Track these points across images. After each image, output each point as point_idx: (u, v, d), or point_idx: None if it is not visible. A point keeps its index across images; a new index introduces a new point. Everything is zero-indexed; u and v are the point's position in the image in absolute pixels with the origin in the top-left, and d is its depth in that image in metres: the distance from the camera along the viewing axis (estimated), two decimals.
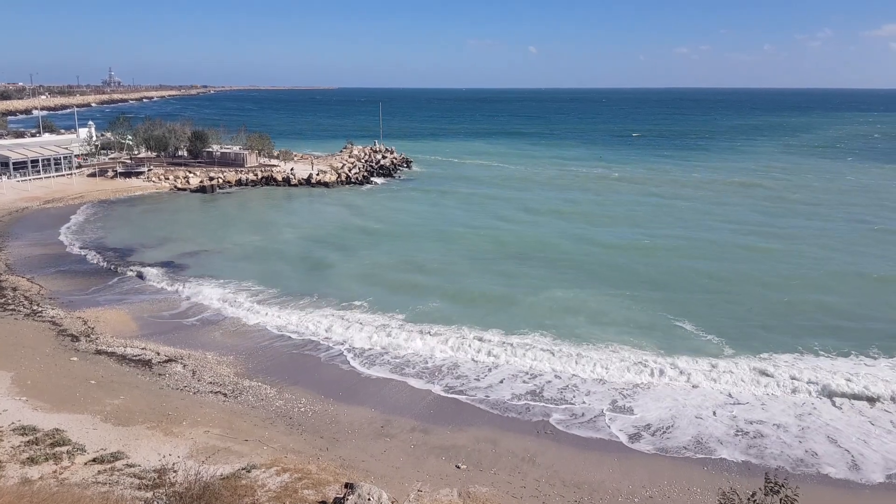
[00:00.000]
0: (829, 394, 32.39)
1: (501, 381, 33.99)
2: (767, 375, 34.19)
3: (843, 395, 32.30)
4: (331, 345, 38.60)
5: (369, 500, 20.35)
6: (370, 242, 63.12)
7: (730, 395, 32.52)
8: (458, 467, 25.90)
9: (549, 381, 34.04)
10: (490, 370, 35.33)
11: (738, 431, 29.17)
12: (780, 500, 13.16)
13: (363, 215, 76.62)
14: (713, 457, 27.26)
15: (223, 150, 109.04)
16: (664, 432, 29.11)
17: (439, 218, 75.08)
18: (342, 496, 20.46)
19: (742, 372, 34.50)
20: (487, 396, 32.38)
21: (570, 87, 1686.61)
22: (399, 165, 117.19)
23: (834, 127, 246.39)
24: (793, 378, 33.74)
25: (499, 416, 30.65)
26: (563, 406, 31.55)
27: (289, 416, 29.64)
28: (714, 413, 30.74)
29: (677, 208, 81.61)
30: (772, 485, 13.36)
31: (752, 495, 13.28)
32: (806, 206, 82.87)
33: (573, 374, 34.74)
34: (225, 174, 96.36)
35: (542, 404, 31.65)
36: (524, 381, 34.06)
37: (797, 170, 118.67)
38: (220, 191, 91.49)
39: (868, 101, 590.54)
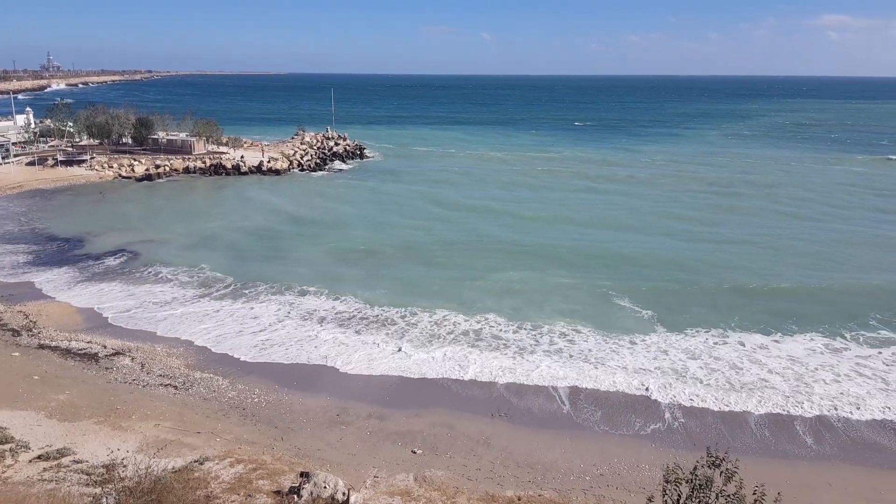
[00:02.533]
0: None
1: (444, 355, 34.34)
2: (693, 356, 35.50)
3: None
4: (283, 334, 38.20)
5: (325, 487, 20.37)
6: (322, 230, 62.58)
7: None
8: (415, 452, 26.12)
9: (503, 366, 34.53)
10: (437, 343, 35.68)
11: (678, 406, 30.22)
12: (721, 472, 13.70)
13: (315, 203, 75.81)
14: (660, 433, 28.18)
15: (169, 137, 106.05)
16: (602, 408, 29.95)
17: (391, 205, 74.78)
18: (297, 485, 20.43)
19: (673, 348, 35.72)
20: (443, 377, 32.70)
21: (524, 74, 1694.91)
22: (352, 152, 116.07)
23: (778, 114, 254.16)
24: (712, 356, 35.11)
25: (455, 399, 30.96)
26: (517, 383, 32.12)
27: (242, 407, 29.34)
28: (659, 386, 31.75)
29: (618, 195, 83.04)
30: (713, 458, 13.91)
31: (694, 469, 13.82)
32: (743, 195, 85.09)
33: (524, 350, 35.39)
34: (172, 162, 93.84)
35: (500, 382, 32.16)
36: (480, 363, 34.51)
37: (738, 157, 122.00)
38: (167, 179, 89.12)
39: (812, 88, 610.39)
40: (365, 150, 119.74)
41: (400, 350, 36.02)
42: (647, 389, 31.93)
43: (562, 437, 27.90)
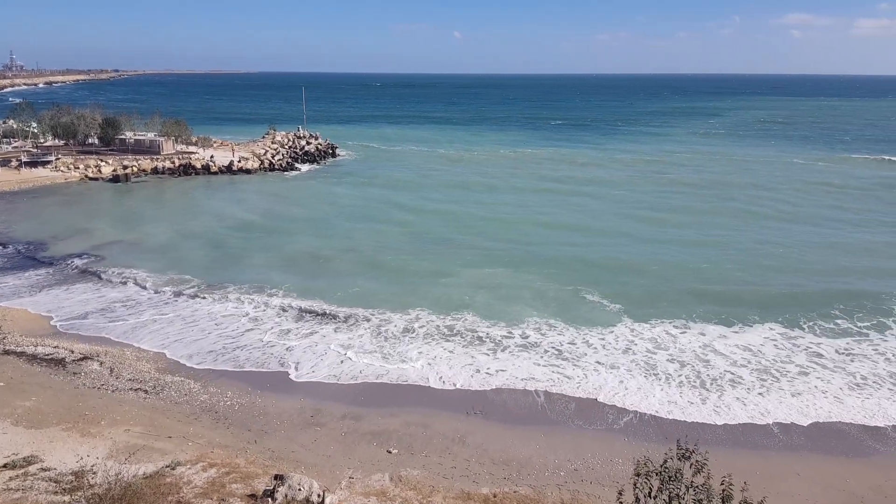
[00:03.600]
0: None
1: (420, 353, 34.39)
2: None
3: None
4: (256, 335, 37.88)
5: (300, 490, 20.27)
6: (293, 231, 62.15)
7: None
8: (390, 452, 26.09)
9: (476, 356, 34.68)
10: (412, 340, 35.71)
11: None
12: (691, 465, 13.95)
13: (286, 203, 75.23)
14: (632, 426, 28.55)
15: (137, 137, 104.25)
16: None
17: (363, 206, 74.39)
18: (272, 488, 20.29)
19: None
20: (417, 375, 32.70)
21: (496, 72, 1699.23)
22: (325, 151, 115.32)
23: (745, 111, 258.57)
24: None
25: (430, 398, 30.99)
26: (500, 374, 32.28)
27: (214, 411, 29.01)
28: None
29: (585, 196, 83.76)
30: (683, 451, 14.14)
31: (664, 462, 14.04)
32: (710, 191, 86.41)
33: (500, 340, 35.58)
34: (140, 162, 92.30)
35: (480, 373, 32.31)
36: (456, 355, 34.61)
37: (705, 154, 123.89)
38: (136, 180, 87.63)
39: (777, 85, 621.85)
40: (337, 149, 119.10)
41: (374, 350, 35.92)
42: (620, 383, 32.32)
43: (536, 433, 28.10)
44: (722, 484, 13.50)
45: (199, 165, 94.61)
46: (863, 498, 23.72)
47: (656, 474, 13.82)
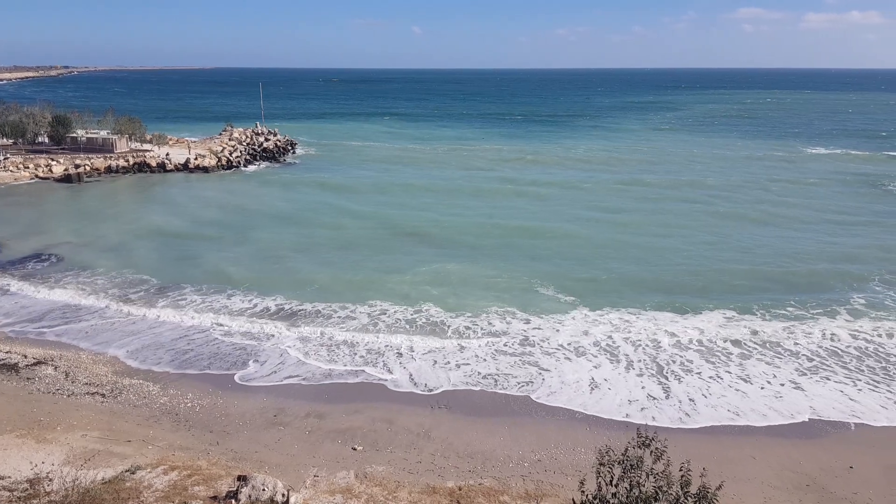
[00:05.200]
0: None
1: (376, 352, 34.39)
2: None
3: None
4: (215, 335, 37.31)
5: (263, 490, 20.09)
6: (250, 228, 61.35)
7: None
8: (355, 449, 26.03)
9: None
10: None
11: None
12: (651, 452, 14.29)
13: (244, 201, 74.09)
14: (593, 416, 29.03)
15: (89, 136, 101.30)
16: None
17: (321, 202, 73.81)
18: (235, 489, 20.07)
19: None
20: (381, 370, 32.67)
21: (455, 68, 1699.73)
22: (284, 148, 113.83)
23: (700, 105, 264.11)
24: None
25: (394, 393, 30.98)
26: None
27: (175, 413, 28.49)
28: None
29: (544, 188, 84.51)
30: (643, 439, 14.48)
31: (625, 451, 14.35)
32: (667, 188, 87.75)
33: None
34: (92, 161, 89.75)
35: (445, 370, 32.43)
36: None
37: (662, 148, 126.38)
38: (89, 179, 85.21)
39: (731, 79, 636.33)
40: (296, 146, 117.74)
41: (337, 346, 35.73)
42: (577, 372, 32.80)
43: (501, 425, 28.35)
44: (681, 470, 13.86)
45: (154, 164, 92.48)
46: (815, 478, 24.58)
47: (618, 463, 14.12)
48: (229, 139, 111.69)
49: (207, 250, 53.78)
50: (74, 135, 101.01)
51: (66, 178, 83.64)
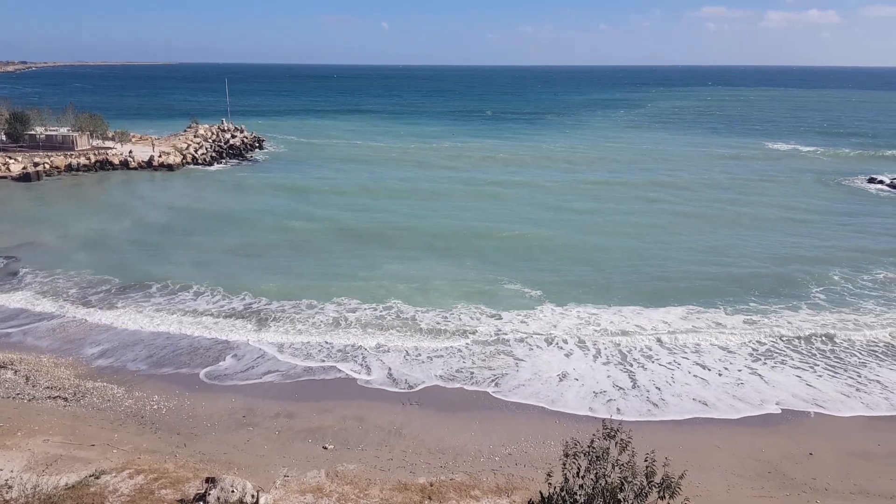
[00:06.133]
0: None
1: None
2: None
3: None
4: (181, 336, 36.75)
5: (233, 491, 19.92)
6: (215, 226, 60.57)
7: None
8: (326, 448, 25.93)
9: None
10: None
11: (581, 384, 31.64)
12: (616, 443, 14.54)
13: (209, 198, 73.07)
14: (562, 409, 29.38)
15: (49, 133, 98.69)
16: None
17: (286, 199, 73.08)
18: (203, 492, 19.86)
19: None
20: (351, 367, 32.58)
21: (424, 64, 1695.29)
22: (251, 145, 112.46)
23: (665, 101, 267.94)
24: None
25: (365, 390, 30.93)
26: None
27: (140, 416, 28.03)
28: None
29: (512, 188, 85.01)
30: (608, 430, 14.71)
31: (591, 442, 14.57)
32: (629, 188, 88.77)
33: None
34: (52, 159, 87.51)
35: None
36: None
37: (626, 146, 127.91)
38: (48, 178, 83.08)
39: (695, 77, 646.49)
40: (264, 142, 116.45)
41: (306, 344, 35.52)
42: (546, 364, 33.15)
43: (472, 419, 28.51)
44: (646, 460, 14.13)
45: (117, 161, 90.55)
46: (776, 466, 25.24)
47: (584, 454, 14.34)
48: (195, 136, 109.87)
49: (172, 248, 52.94)
50: (33, 132, 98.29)
51: (24, 177, 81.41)
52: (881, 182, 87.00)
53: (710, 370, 33.25)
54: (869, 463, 25.57)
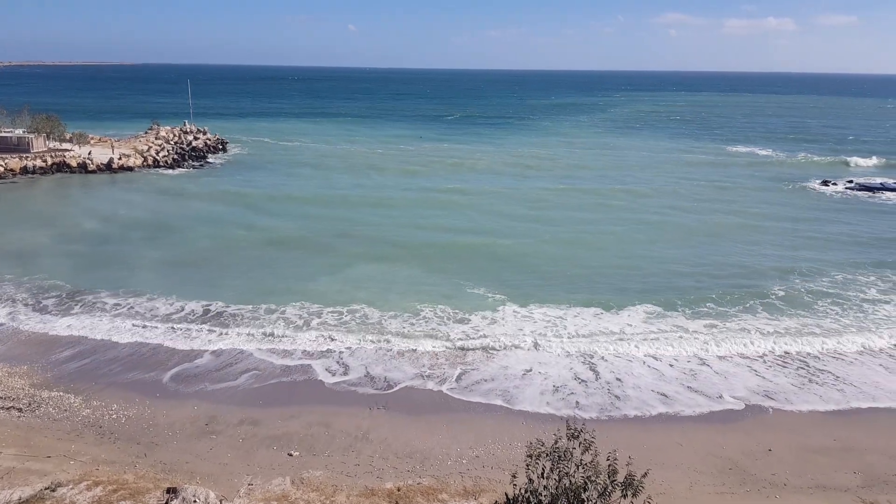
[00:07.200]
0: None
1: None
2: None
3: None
4: (138, 341, 35.95)
5: (195, 501, 19.58)
6: (174, 231, 59.36)
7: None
8: (291, 455, 25.62)
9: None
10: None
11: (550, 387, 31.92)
12: (580, 443, 14.69)
13: (170, 202, 71.69)
14: (529, 409, 29.57)
15: (2, 135, 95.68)
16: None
17: (248, 204, 71.82)
18: (164, 502, 19.47)
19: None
20: (317, 371, 32.29)
21: (391, 67, 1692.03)
22: (214, 147, 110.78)
23: (627, 105, 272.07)
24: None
25: (331, 395, 30.66)
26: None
27: (98, 425, 27.32)
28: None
29: (477, 195, 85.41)
30: (572, 431, 14.86)
31: (555, 443, 14.70)
32: (591, 196, 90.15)
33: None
34: (7, 162, 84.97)
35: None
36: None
37: (589, 150, 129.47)
38: (2, 181, 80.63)
39: (658, 82, 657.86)
40: (228, 145, 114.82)
41: (269, 348, 35.06)
42: (505, 368, 33.33)
43: (440, 422, 28.46)
44: (608, 459, 14.30)
45: (75, 164, 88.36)
46: (736, 462, 25.77)
47: (547, 455, 14.44)
48: (156, 138, 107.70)
49: (129, 254, 51.63)
50: None
51: None
52: (834, 184, 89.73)
53: (671, 367, 33.85)
54: (825, 458, 26.28)
